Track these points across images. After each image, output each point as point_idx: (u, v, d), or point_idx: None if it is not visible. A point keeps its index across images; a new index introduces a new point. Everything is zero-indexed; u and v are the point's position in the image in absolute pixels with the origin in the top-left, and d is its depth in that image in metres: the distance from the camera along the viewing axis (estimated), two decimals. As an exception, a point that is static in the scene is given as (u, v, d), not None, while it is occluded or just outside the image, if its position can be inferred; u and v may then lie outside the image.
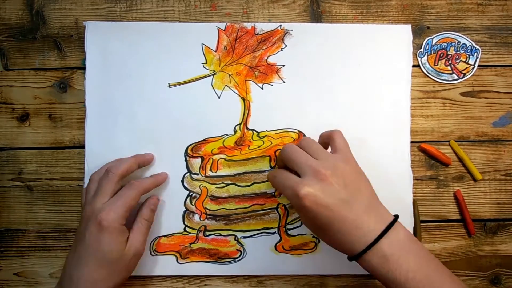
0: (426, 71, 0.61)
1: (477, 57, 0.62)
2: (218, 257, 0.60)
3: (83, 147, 0.60)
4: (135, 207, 0.54)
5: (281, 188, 0.50)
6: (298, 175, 0.48)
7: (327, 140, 0.52)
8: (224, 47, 0.60)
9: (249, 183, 0.60)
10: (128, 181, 0.54)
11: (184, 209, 0.60)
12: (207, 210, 0.60)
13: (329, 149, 0.52)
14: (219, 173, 0.60)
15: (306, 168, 0.47)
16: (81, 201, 0.56)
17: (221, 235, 0.60)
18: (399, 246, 0.46)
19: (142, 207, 0.56)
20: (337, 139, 0.51)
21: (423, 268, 0.46)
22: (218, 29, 0.60)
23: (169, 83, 0.60)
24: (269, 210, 0.60)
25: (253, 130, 0.60)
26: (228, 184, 0.60)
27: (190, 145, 0.60)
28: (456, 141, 0.61)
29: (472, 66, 0.62)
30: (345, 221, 0.46)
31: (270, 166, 0.60)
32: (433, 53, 0.61)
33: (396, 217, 0.48)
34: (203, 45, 0.60)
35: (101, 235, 0.49)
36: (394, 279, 0.46)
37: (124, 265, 0.52)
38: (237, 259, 0.60)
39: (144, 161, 0.58)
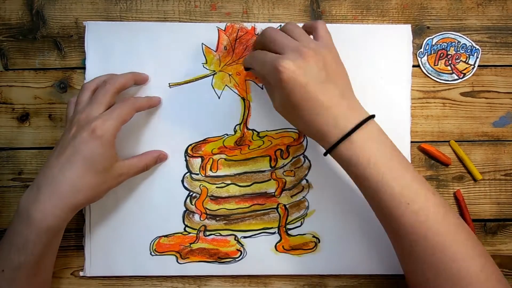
0: (426, 71, 0.61)
1: (477, 57, 0.62)
2: (218, 257, 0.60)
3: (83, 147, 0.60)
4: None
5: (260, 65, 0.49)
6: None
7: (309, 29, 0.52)
8: (224, 47, 0.60)
9: (249, 183, 0.60)
10: (122, 98, 0.53)
11: (184, 209, 0.60)
12: (207, 210, 0.60)
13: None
14: (219, 173, 0.60)
15: (288, 48, 0.47)
16: (67, 110, 0.54)
17: (221, 235, 0.60)
18: (369, 136, 0.47)
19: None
20: (320, 29, 0.51)
21: (387, 157, 0.47)
22: (218, 29, 0.60)
23: (169, 83, 0.60)
24: (269, 210, 0.60)
25: (253, 130, 0.60)
26: (228, 184, 0.60)
27: (190, 145, 0.60)
28: (456, 141, 0.61)
29: (472, 66, 0.62)
30: (317, 100, 0.46)
31: (270, 166, 0.60)
32: (433, 53, 0.61)
33: (373, 116, 0.49)
34: (203, 45, 0.60)
35: (94, 143, 0.48)
36: (356, 162, 0.47)
37: (109, 178, 0.51)
38: (237, 259, 0.60)
39: (140, 79, 0.58)
